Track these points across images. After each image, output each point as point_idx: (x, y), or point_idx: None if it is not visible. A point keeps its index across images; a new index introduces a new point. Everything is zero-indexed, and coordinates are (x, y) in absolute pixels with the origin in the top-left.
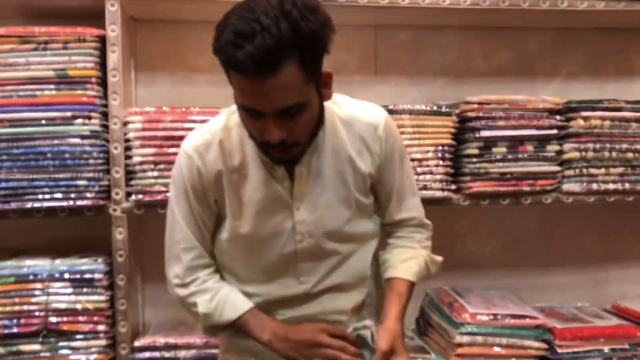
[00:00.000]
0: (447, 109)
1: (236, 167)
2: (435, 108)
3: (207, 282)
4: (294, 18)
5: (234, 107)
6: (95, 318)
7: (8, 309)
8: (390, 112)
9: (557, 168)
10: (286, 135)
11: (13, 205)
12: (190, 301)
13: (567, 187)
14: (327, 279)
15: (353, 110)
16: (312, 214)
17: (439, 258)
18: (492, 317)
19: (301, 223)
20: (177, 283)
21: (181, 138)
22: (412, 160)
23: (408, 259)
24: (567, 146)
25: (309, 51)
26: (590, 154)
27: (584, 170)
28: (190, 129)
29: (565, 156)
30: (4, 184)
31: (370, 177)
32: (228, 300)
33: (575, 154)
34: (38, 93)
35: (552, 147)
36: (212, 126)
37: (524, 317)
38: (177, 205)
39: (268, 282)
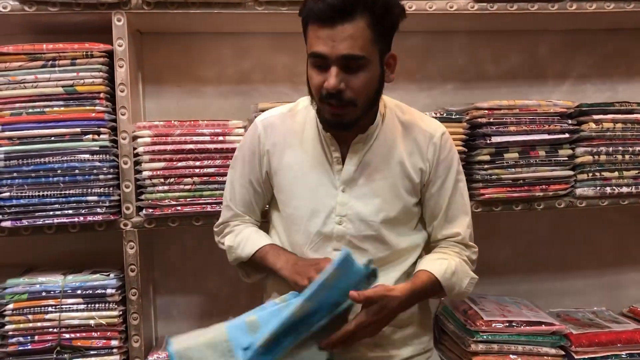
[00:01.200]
0: (457, 115)
1: (295, 141)
2: (445, 115)
3: (237, 226)
4: None
5: (304, 97)
6: (109, 333)
7: (22, 325)
8: None
9: (570, 172)
10: (344, 87)
11: (24, 222)
12: (221, 241)
13: (580, 191)
14: None
15: (415, 117)
16: (355, 198)
17: (475, 275)
18: (507, 324)
19: (342, 205)
20: (215, 231)
21: (190, 151)
22: None
23: (436, 259)
24: (579, 150)
25: (380, 18)
26: (603, 158)
27: (597, 174)
28: (199, 142)
29: (578, 160)
30: (15, 201)
31: (419, 181)
32: (250, 237)
33: (588, 158)
34: (47, 110)
35: (565, 152)
36: (283, 109)
37: (539, 323)
38: (233, 168)
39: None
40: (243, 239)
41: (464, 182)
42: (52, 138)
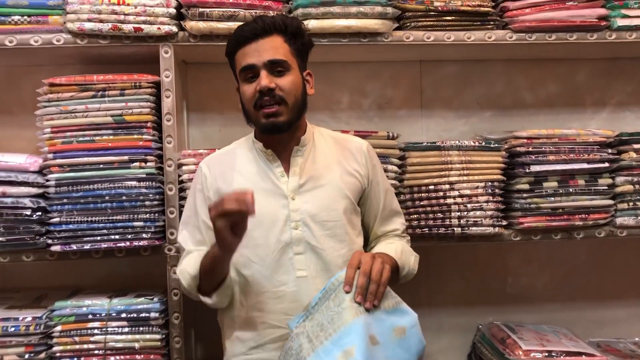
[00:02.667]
0: (496, 144)
1: (239, 169)
2: (483, 143)
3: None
4: (284, 16)
5: (236, 141)
6: (152, 356)
7: (69, 347)
8: (438, 148)
9: (610, 202)
10: (274, 86)
11: (73, 246)
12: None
13: (620, 220)
14: (320, 277)
15: (339, 134)
16: (306, 203)
17: (416, 254)
18: (546, 354)
19: (295, 211)
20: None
21: None
22: (462, 196)
23: (384, 244)
24: (619, 179)
25: (293, 37)
26: None
27: (638, 203)
28: None
29: (618, 189)
30: (64, 226)
31: (359, 181)
32: (193, 257)
33: (629, 187)
34: (97, 138)
35: (604, 181)
36: (220, 150)
37: (579, 354)
38: (185, 211)
39: (266, 273)
40: (188, 259)
41: (388, 182)
42: (101, 165)
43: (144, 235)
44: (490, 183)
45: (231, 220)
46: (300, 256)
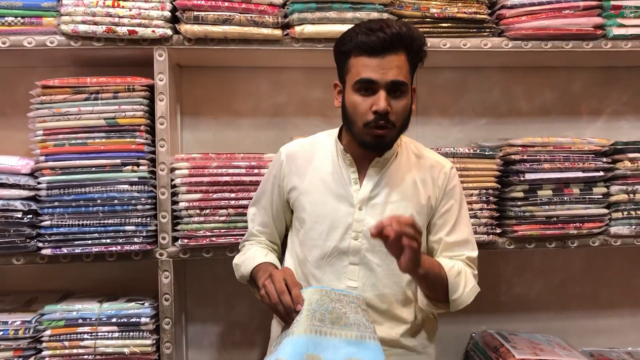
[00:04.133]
0: (491, 152)
1: (315, 166)
2: (478, 151)
3: (250, 245)
4: (409, 28)
5: (321, 132)
6: None
7: (58, 352)
8: None
9: (605, 210)
10: (390, 110)
11: (64, 250)
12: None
13: (614, 229)
14: (368, 291)
15: (426, 151)
16: (371, 216)
17: (478, 288)
18: None
19: (359, 222)
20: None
21: (226, 183)
22: None
23: (445, 259)
24: (614, 188)
25: (415, 54)
26: (638, 196)
27: (632, 212)
28: (235, 174)
29: (613, 198)
30: (55, 230)
31: (429, 204)
32: (253, 255)
33: (623, 196)
34: (89, 141)
35: (599, 190)
36: (304, 140)
37: None
38: (259, 191)
39: (317, 275)
40: (247, 257)
41: (467, 212)
42: (93, 169)
43: (136, 240)
44: (484, 190)
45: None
46: (354, 267)
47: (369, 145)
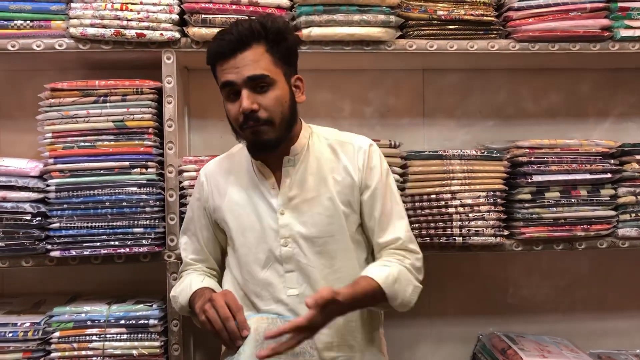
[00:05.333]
0: (498, 154)
1: (234, 180)
2: (485, 153)
3: (187, 275)
4: (262, 18)
5: (239, 144)
6: None
7: (67, 354)
8: (440, 157)
9: (612, 212)
10: (257, 107)
11: (72, 252)
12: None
13: (622, 231)
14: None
15: (343, 135)
16: (295, 219)
17: (419, 284)
18: None
19: (284, 227)
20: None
21: None
22: (463, 206)
23: (378, 265)
24: (621, 190)
25: (275, 43)
26: None
27: None
28: None
29: (620, 200)
30: (64, 232)
31: (354, 189)
32: (188, 283)
33: (631, 198)
34: (97, 144)
35: (607, 191)
36: (222, 156)
37: None
38: (186, 219)
39: (257, 291)
40: (183, 287)
41: (395, 188)
42: (102, 171)
43: (144, 242)
44: (492, 193)
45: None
46: (291, 274)
47: (254, 148)
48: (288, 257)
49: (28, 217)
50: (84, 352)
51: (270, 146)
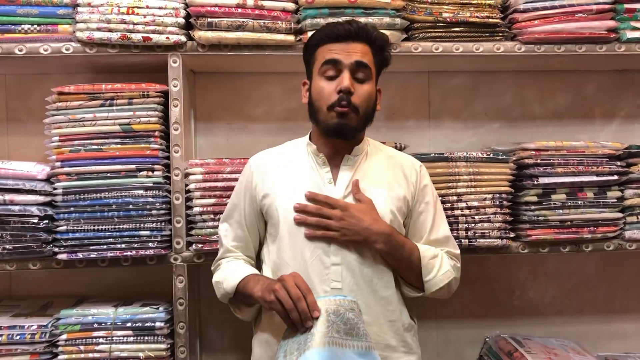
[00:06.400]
0: (504, 156)
1: (287, 171)
2: (491, 155)
3: (228, 262)
4: (373, 27)
5: (289, 141)
6: None
7: (74, 356)
8: (446, 159)
9: (619, 214)
10: (353, 91)
11: (79, 255)
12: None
13: (629, 234)
14: (353, 292)
15: (396, 152)
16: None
17: (456, 275)
18: None
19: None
20: (212, 270)
21: None
22: (469, 208)
23: (427, 247)
24: (628, 192)
25: (378, 49)
26: None
27: None
28: None
29: (627, 202)
30: (71, 235)
31: (406, 202)
32: (234, 270)
33: (637, 200)
34: (104, 147)
35: (613, 194)
36: (273, 148)
37: None
38: (230, 204)
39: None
40: (228, 273)
41: (442, 209)
42: (108, 174)
43: (150, 245)
44: (498, 195)
45: None
46: (336, 267)
47: (332, 130)
48: (336, 250)
49: (35, 220)
50: (90, 355)
51: (348, 132)
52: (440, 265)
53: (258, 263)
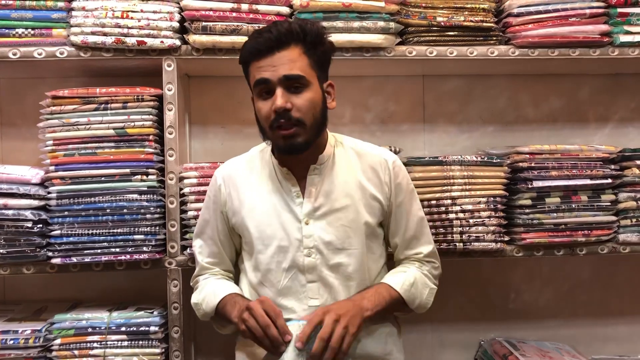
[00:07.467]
0: (498, 160)
1: (254, 185)
2: (486, 159)
3: (205, 280)
4: (301, 22)
5: (256, 146)
6: None
7: None
8: (441, 163)
9: (613, 218)
10: (290, 106)
11: (73, 259)
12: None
13: (623, 237)
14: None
15: (366, 146)
16: (320, 229)
17: (434, 286)
18: None
19: (308, 237)
20: (192, 286)
21: None
22: (464, 211)
23: (395, 272)
24: (622, 195)
25: (312, 46)
26: None
27: None
28: None
29: (621, 206)
30: (65, 239)
31: (381, 204)
32: (213, 290)
33: (632, 204)
34: (98, 151)
35: (607, 197)
36: (239, 158)
37: None
38: (200, 221)
39: (276, 299)
40: (207, 293)
41: (418, 202)
42: (103, 178)
43: (145, 249)
44: (492, 198)
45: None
46: (312, 284)
47: (283, 150)
48: (311, 267)
49: (29, 225)
50: (85, 359)
51: (300, 149)
52: (420, 291)
53: (238, 270)
